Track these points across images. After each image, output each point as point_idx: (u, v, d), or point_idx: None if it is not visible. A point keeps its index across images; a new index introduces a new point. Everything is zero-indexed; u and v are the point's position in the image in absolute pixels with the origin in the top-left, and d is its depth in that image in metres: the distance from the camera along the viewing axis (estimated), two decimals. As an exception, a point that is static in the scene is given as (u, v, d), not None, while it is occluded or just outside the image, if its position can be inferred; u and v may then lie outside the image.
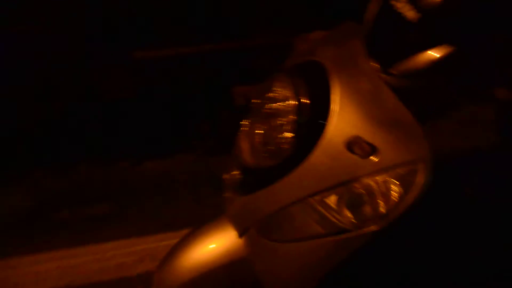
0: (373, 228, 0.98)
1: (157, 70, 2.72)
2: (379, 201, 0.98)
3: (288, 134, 1.06)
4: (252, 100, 1.19)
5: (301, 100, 1.04)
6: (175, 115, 2.57)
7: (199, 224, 1.44)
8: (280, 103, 1.09)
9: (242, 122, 1.23)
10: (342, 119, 0.98)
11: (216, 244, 1.34)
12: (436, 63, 0.89)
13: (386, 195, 0.97)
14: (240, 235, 1.27)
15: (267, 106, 1.12)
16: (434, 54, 0.89)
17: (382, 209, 0.97)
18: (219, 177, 1.38)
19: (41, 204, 2.19)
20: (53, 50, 2.70)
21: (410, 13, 0.92)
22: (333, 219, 1.02)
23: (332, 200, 1.01)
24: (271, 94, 1.12)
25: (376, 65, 1.00)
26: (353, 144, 0.96)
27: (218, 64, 2.71)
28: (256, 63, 2.62)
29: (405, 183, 0.95)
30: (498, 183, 1.65)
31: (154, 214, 2.16)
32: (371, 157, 0.95)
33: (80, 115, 2.62)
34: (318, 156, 1.00)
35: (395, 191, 0.96)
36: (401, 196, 0.96)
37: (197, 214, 2.10)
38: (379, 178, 0.96)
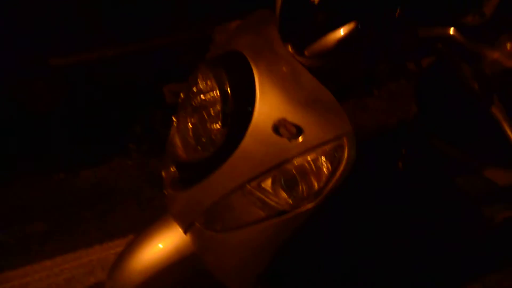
0: (308, 206, 1.03)
1: (79, 76, 2.63)
2: (311, 179, 1.02)
3: (217, 125, 1.09)
4: (180, 95, 1.21)
5: (225, 90, 1.07)
6: (106, 120, 2.52)
7: (144, 226, 1.45)
8: (206, 95, 1.12)
9: (173, 118, 1.24)
10: (266, 104, 1.02)
11: (163, 244, 1.35)
12: (341, 40, 0.94)
13: (317, 172, 1.02)
14: (185, 231, 1.29)
15: (194, 99, 1.14)
16: (339, 32, 0.94)
17: (315, 186, 1.02)
18: (158, 178, 1.39)
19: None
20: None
21: None
22: (271, 202, 1.05)
23: (267, 184, 1.05)
24: (196, 87, 1.14)
25: (291, 49, 1.04)
26: (280, 127, 0.99)
27: (144, 64, 2.68)
28: (183, 59, 2.60)
29: (333, 159, 1.00)
30: (419, 154, 1.75)
31: (98, 223, 2.13)
32: (298, 138, 0.99)
33: (6, 132, 2.50)
34: (248, 143, 1.03)
35: (324, 168, 1.01)
36: (331, 172, 1.01)
37: (142, 217, 2.09)
38: (308, 157, 1.01)
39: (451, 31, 0.95)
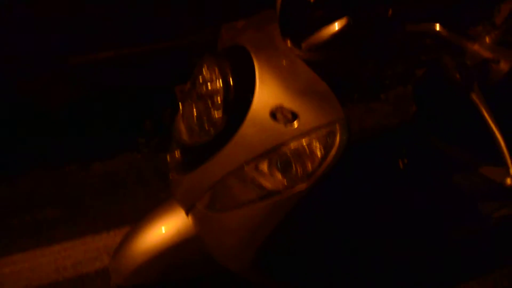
0: (302, 187, 1.11)
1: (95, 73, 2.74)
2: (305, 162, 1.10)
3: (220, 112, 1.17)
4: (187, 84, 1.29)
5: (227, 80, 1.15)
6: (118, 116, 2.62)
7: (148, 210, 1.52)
8: (210, 85, 1.20)
9: (179, 105, 1.32)
10: (265, 92, 1.10)
11: (166, 226, 1.40)
12: (334, 34, 1.02)
13: (310, 156, 1.09)
14: (187, 213, 1.36)
15: (199, 88, 1.23)
16: (333, 27, 1.02)
17: (308, 168, 1.10)
18: (166, 172, 1.47)
19: (-11, 214, 2.21)
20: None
21: None
22: (267, 183, 1.13)
23: (264, 165, 1.12)
24: (202, 77, 1.22)
25: (291, 43, 1.12)
26: (276, 112, 1.08)
27: (157, 64, 2.77)
28: (195, 60, 2.66)
29: (326, 143, 1.08)
30: (419, 152, 1.81)
31: (105, 212, 2.21)
32: (293, 123, 1.07)
33: (24, 123, 2.61)
34: (247, 128, 1.11)
35: (317, 152, 1.09)
36: (323, 156, 1.08)
37: (148, 209, 2.16)
38: (303, 141, 1.08)
39: (437, 27, 1.03)
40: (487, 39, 0.97)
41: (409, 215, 1.69)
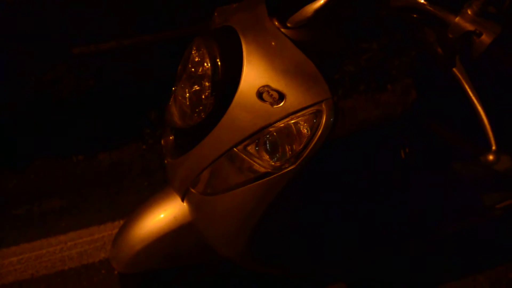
0: (290, 167, 1.10)
1: (99, 63, 2.76)
2: (292, 142, 1.09)
3: (209, 94, 1.17)
4: (179, 67, 1.29)
5: (215, 61, 1.15)
6: (124, 107, 2.64)
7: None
8: (200, 67, 1.20)
9: (172, 89, 1.32)
10: (252, 72, 1.09)
11: (164, 213, 1.41)
12: (318, 10, 1.01)
13: (297, 136, 1.09)
14: (182, 198, 1.37)
15: (189, 70, 1.23)
16: (317, 2, 1.01)
17: (295, 149, 1.09)
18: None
19: (-2, 202, 2.25)
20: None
21: None
22: (256, 165, 1.13)
23: (253, 147, 1.12)
24: (192, 59, 1.22)
25: (277, 22, 1.11)
26: (263, 93, 1.07)
27: (161, 54, 2.78)
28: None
29: (312, 124, 1.07)
30: (420, 140, 1.80)
31: (111, 203, 2.23)
32: (280, 103, 1.07)
33: (31, 114, 2.65)
34: (235, 109, 1.11)
35: (304, 132, 1.08)
36: (310, 136, 1.08)
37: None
38: (289, 121, 1.08)
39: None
40: (469, 11, 0.94)
41: (409, 202, 1.68)
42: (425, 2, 0.99)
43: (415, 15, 1.04)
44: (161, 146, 2.39)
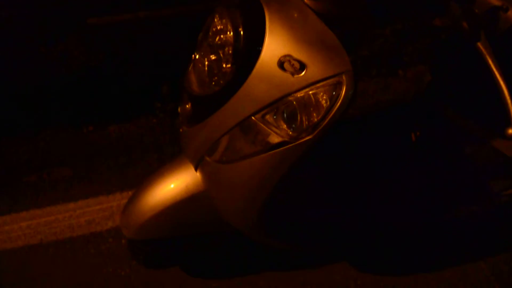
0: (307, 137, 1.11)
1: (114, 35, 2.76)
2: (310, 112, 1.10)
3: (229, 63, 1.18)
4: (199, 35, 1.30)
5: (238, 30, 1.16)
6: (136, 79, 2.64)
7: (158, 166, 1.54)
8: (221, 36, 1.21)
9: (192, 56, 1.33)
10: (274, 42, 1.10)
11: (175, 182, 1.43)
12: None
13: (316, 107, 1.10)
14: (196, 167, 1.38)
15: (211, 39, 1.24)
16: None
17: (314, 119, 1.10)
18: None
19: (8, 170, 2.26)
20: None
21: None
22: (273, 134, 1.14)
23: (271, 116, 1.13)
24: (213, 28, 1.23)
25: (302, -7, 1.12)
26: (284, 62, 1.08)
27: (176, 28, 2.77)
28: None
29: (332, 95, 1.08)
30: (433, 124, 1.80)
31: (120, 173, 2.24)
32: (301, 73, 1.08)
33: (41, 84, 2.66)
34: (255, 78, 1.12)
35: (323, 103, 1.09)
36: (329, 107, 1.09)
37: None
38: (309, 91, 1.09)
39: None
40: None
41: (417, 184, 1.69)
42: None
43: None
44: (171, 120, 2.44)
